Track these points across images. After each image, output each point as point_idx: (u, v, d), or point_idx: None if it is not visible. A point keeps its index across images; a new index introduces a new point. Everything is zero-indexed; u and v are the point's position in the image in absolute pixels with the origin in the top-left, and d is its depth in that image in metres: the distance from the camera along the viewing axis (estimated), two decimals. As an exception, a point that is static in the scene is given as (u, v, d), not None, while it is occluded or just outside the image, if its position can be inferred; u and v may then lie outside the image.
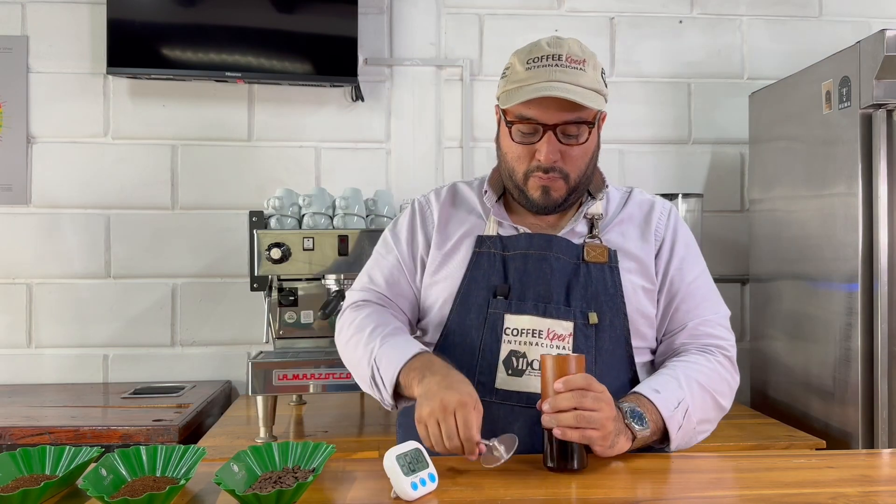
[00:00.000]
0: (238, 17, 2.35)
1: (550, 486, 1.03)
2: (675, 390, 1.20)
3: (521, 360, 1.23)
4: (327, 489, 1.03)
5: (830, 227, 1.94)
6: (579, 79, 1.21)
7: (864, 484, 1.05)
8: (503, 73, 1.29)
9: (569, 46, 1.24)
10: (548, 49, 1.23)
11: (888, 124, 1.78)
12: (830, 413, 1.95)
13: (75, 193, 2.42)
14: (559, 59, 1.21)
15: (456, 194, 1.42)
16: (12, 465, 1.03)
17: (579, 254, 1.28)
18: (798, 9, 2.61)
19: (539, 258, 1.27)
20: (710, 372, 1.26)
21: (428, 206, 1.41)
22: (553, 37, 1.27)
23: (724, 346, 1.31)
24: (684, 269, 1.32)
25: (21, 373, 2.40)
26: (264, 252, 1.93)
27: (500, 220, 1.33)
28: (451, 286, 1.30)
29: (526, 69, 1.22)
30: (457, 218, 1.37)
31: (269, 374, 1.84)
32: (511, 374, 1.23)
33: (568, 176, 1.25)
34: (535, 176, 1.25)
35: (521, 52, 1.27)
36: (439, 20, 2.52)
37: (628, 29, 2.57)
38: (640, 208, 1.37)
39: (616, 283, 1.27)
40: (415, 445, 1.02)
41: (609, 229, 1.33)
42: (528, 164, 1.25)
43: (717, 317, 1.32)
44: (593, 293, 1.26)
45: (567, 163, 1.24)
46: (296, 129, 2.48)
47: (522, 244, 1.29)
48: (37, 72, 2.41)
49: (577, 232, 1.32)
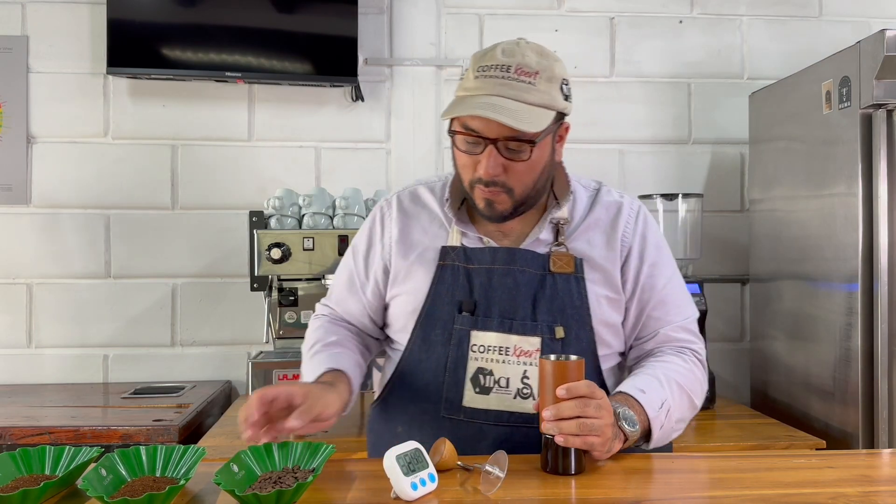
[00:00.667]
0: (238, 17, 2.35)
1: (550, 487, 1.03)
2: (658, 390, 1.21)
3: (489, 378, 1.22)
4: (327, 489, 1.03)
5: (830, 227, 1.94)
6: (525, 94, 1.16)
7: (864, 484, 1.05)
8: (462, 78, 1.26)
9: (523, 56, 1.18)
10: (500, 58, 1.18)
11: (888, 124, 1.78)
12: (830, 413, 1.95)
13: (75, 193, 2.42)
14: (508, 70, 1.17)
15: (418, 199, 1.37)
16: (12, 465, 1.03)
17: (545, 264, 1.27)
18: (798, 9, 2.61)
19: (503, 272, 1.26)
20: (687, 373, 1.27)
21: (388, 212, 1.37)
22: (512, 42, 1.21)
23: (695, 348, 1.33)
24: (655, 274, 1.31)
25: (21, 373, 2.40)
26: (264, 252, 1.93)
27: (463, 231, 1.30)
28: (415, 300, 1.28)
29: (475, 77, 1.19)
30: (419, 226, 1.34)
31: (269, 374, 1.84)
32: (479, 392, 1.22)
33: (512, 190, 1.21)
34: (478, 187, 1.22)
35: (477, 56, 1.22)
36: (439, 20, 2.52)
37: (628, 29, 2.57)
38: (608, 211, 1.34)
39: (582, 294, 1.26)
40: (415, 445, 1.02)
41: (575, 236, 1.30)
42: (473, 175, 1.22)
43: (688, 321, 1.33)
44: (559, 306, 1.25)
45: (511, 177, 1.20)
46: (296, 129, 2.48)
47: (486, 258, 1.27)
48: (37, 72, 2.41)
49: (542, 240, 1.29)
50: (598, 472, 1.08)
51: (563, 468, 1.07)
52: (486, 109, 1.14)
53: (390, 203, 1.39)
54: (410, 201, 1.37)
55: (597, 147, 2.55)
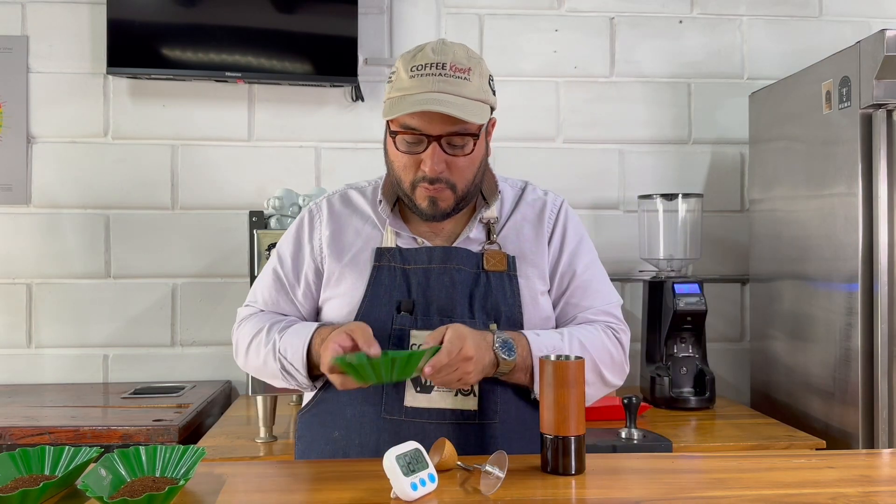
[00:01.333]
0: (238, 17, 2.35)
1: (550, 487, 1.03)
2: (555, 339, 1.23)
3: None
4: (327, 489, 1.03)
5: (830, 227, 1.94)
6: (462, 89, 1.19)
7: (864, 484, 1.05)
8: (390, 79, 1.25)
9: (454, 54, 1.21)
10: (432, 56, 1.20)
11: (888, 124, 1.78)
12: (830, 413, 1.95)
13: (75, 193, 2.42)
14: (443, 67, 1.19)
15: (348, 202, 1.37)
16: (11, 465, 1.03)
17: (479, 262, 1.29)
18: (798, 9, 2.61)
19: (440, 271, 1.27)
20: (594, 337, 1.27)
21: (319, 214, 1.36)
22: (439, 42, 1.24)
23: (613, 326, 1.33)
24: (574, 262, 1.34)
25: (21, 373, 2.40)
26: (264, 252, 1.93)
27: (397, 231, 1.31)
28: (351, 301, 1.27)
29: (410, 77, 1.20)
30: (352, 228, 1.34)
31: (268, 374, 1.84)
32: (420, 391, 1.22)
33: (455, 186, 1.24)
34: (421, 186, 1.23)
35: (405, 58, 1.23)
36: (439, 20, 2.52)
37: (628, 29, 2.57)
38: (533, 207, 1.37)
39: (514, 292, 1.28)
40: (415, 445, 1.02)
41: (505, 233, 1.33)
42: (415, 175, 1.23)
43: (609, 306, 1.35)
44: (493, 303, 1.26)
45: (453, 173, 1.22)
46: (296, 129, 2.48)
47: (423, 258, 1.28)
48: (37, 72, 2.41)
49: (473, 238, 1.31)
50: (598, 472, 1.08)
51: (563, 468, 1.07)
52: (433, 104, 1.16)
53: (319, 206, 1.38)
54: (341, 204, 1.37)
55: (597, 147, 2.55)
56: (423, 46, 1.23)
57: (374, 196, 1.36)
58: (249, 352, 1.33)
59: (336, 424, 1.27)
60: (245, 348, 1.34)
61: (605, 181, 2.53)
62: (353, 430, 1.24)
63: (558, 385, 1.06)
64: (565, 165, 2.53)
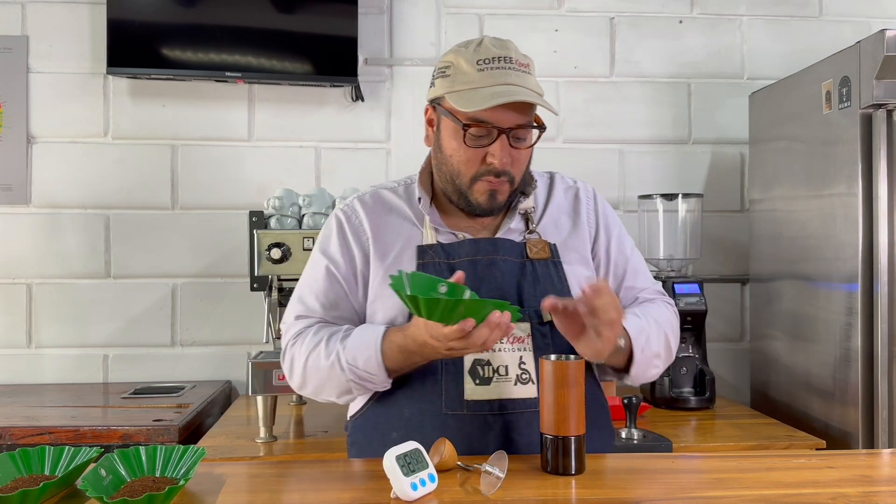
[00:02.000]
0: (238, 17, 2.35)
1: (550, 487, 1.03)
2: (636, 320, 1.25)
3: (487, 368, 1.22)
4: (327, 489, 1.03)
5: (830, 227, 1.94)
6: (529, 82, 1.21)
7: (864, 484, 1.05)
8: (442, 73, 1.25)
9: (513, 49, 1.23)
10: (495, 50, 1.21)
11: (888, 124, 1.78)
12: (830, 413, 1.95)
13: (75, 193, 2.42)
14: (510, 61, 1.20)
15: (382, 201, 1.36)
16: (11, 465, 1.03)
17: (523, 251, 1.30)
18: (798, 9, 2.61)
19: (488, 262, 1.27)
20: (662, 313, 1.33)
21: (355, 215, 1.34)
22: (491, 37, 1.25)
23: (666, 299, 1.39)
24: (622, 247, 1.38)
25: (21, 373, 2.40)
26: (264, 252, 1.93)
27: (436, 227, 1.30)
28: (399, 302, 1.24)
29: (478, 70, 1.20)
30: (390, 227, 1.32)
31: (269, 374, 1.84)
32: (479, 384, 1.22)
33: (513, 179, 1.26)
34: (484, 180, 1.23)
35: (464, 52, 1.23)
36: (439, 20, 2.52)
37: (628, 29, 2.57)
38: (566, 195, 1.39)
39: (561, 277, 1.29)
40: (415, 445, 1.02)
41: (542, 221, 1.35)
42: (478, 168, 1.23)
43: (657, 285, 1.41)
44: (542, 291, 1.26)
45: (514, 166, 1.24)
46: (296, 129, 2.48)
47: (467, 250, 1.28)
48: (37, 72, 2.41)
49: (514, 229, 1.32)
50: (598, 472, 1.08)
51: (564, 468, 1.07)
52: (516, 95, 1.17)
53: (353, 207, 1.36)
54: (375, 204, 1.36)
55: (597, 147, 2.55)
56: (480, 41, 1.24)
57: (407, 194, 1.36)
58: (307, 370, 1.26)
59: (393, 425, 1.24)
60: (301, 369, 1.27)
61: (604, 181, 2.53)
62: (414, 428, 1.22)
63: (558, 385, 1.06)
64: (565, 165, 2.50)
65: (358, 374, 1.21)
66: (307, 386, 1.29)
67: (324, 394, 1.28)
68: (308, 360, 1.26)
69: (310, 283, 1.34)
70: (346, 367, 1.21)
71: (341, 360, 1.22)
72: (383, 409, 1.27)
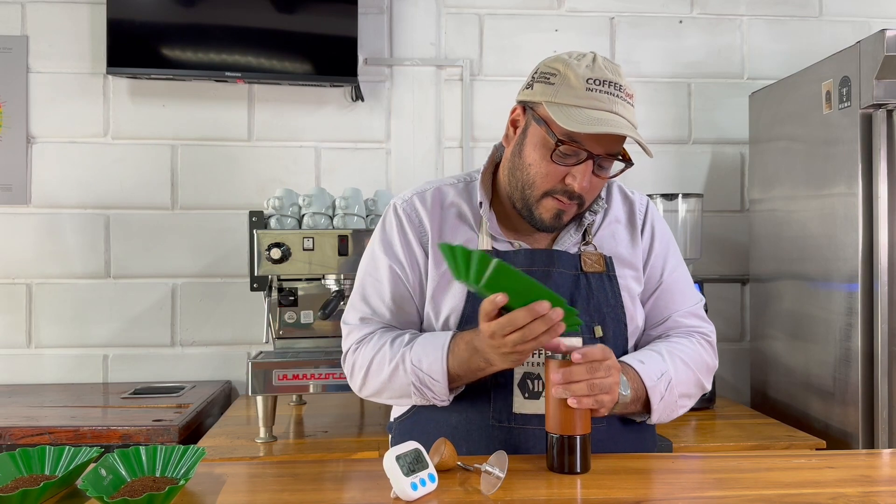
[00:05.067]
0: (238, 17, 2.35)
1: (551, 486, 1.03)
2: (658, 363, 1.22)
3: (537, 382, 1.21)
4: (326, 489, 1.03)
5: (830, 227, 1.94)
6: (632, 115, 1.19)
7: (864, 484, 1.05)
8: (545, 78, 1.21)
9: (623, 76, 1.20)
10: (609, 74, 1.17)
11: (888, 124, 1.78)
12: (830, 413, 1.95)
13: (75, 193, 2.42)
14: (620, 88, 1.17)
15: (443, 200, 1.32)
16: (12, 465, 1.03)
17: (577, 264, 1.27)
18: (798, 9, 2.61)
19: (542, 275, 1.25)
20: (692, 352, 1.29)
21: (415, 212, 1.31)
22: (604, 58, 1.21)
23: (704, 332, 1.34)
24: (664, 264, 1.34)
25: (21, 373, 2.40)
26: (264, 252, 1.93)
27: (493, 234, 1.28)
28: (451, 307, 1.24)
29: (587, 89, 1.16)
30: (449, 228, 1.29)
31: (269, 374, 1.84)
32: (528, 398, 1.21)
33: (583, 203, 1.24)
34: (555, 198, 1.21)
35: (576, 65, 1.18)
36: (439, 20, 2.52)
37: (628, 29, 2.57)
38: (623, 206, 1.37)
39: (615, 293, 1.27)
40: (415, 445, 1.02)
41: (600, 233, 1.32)
42: (553, 185, 1.20)
43: (696, 307, 1.36)
44: (595, 305, 1.25)
45: (589, 192, 1.22)
46: (296, 129, 2.48)
47: (524, 261, 1.26)
48: (37, 72, 2.41)
49: (570, 239, 1.30)
50: (598, 472, 1.08)
51: (569, 467, 1.07)
52: (619, 127, 1.14)
53: (412, 204, 1.32)
54: (434, 202, 1.32)
55: (597, 147, 2.54)
56: (594, 58, 1.20)
57: (469, 194, 1.32)
58: (371, 371, 1.25)
59: (440, 431, 1.23)
60: (364, 370, 1.26)
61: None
62: (460, 436, 1.21)
63: (564, 385, 1.06)
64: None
65: (420, 378, 1.19)
66: (368, 386, 1.27)
67: (384, 396, 1.27)
68: (373, 362, 1.24)
69: (373, 283, 1.31)
70: (410, 368, 1.19)
71: (405, 361, 1.20)
72: (431, 414, 1.26)
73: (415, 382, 1.20)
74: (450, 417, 1.24)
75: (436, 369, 1.17)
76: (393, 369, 1.21)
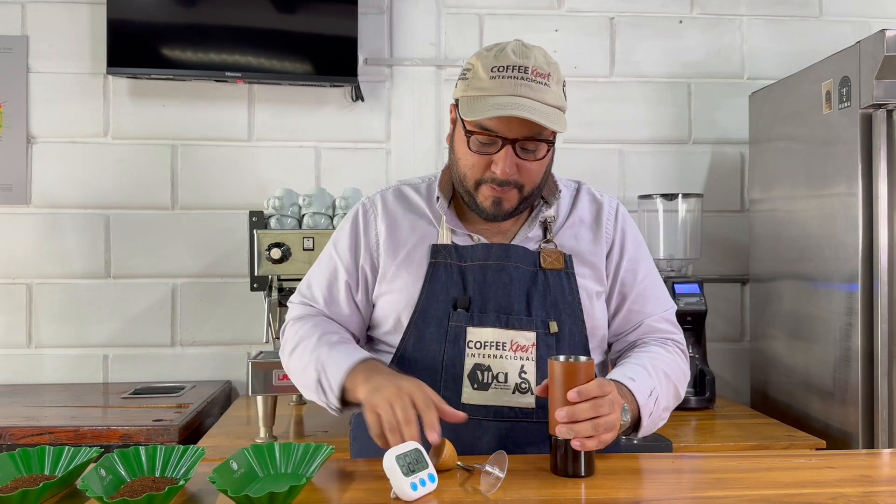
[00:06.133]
0: (238, 17, 2.35)
1: (551, 487, 1.03)
2: (646, 378, 1.22)
3: (487, 374, 1.22)
4: (327, 489, 1.03)
5: (830, 227, 1.94)
6: (544, 95, 1.18)
7: (864, 484, 1.05)
8: (463, 74, 1.24)
9: (535, 58, 1.19)
10: (514, 59, 1.18)
11: (888, 124, 1.78)
12: (830, 413, 1.95)
13: (75, 193, 2.42)
14: (525, 71, 1.17)
15: (403, 198, 1.36)
16: (11, 465, 1.03)
17: (536, 261, 1.28)
18: (798, 9, 2.61)
19: (498, 268, 1.26)
20: (671, 362, 1.29)
21: (373, 210, 1.35)
22: (518, 43, 1.22)
23: (677, 339, 1.35)
24: (635, 269, 1.35)
25: (21, 373, 2.40)
26: (264, 252, 1.93)
27: (452, 229, 1.30)
28: (406, 298, 1.27)
29: (490, 77, 1.18)
30: (406, 223, 1.33)
31: (269, 374, 1.84)
32: (477, 389, 1.22)
33: (522, 187, 1.23)
34: (487, 186, 1.23)
35: (485, 56, 1.21)
36: (439, 20, 2.52)
37: (628, 29, 2.57)
38: (590, 208, 1.37)
39: (573, 289, 1.28)
40: (415, 445, 1.02)
41: (562, 232, 1.33)
42: (482, 174, 1.22)
43: (667, 313, 1.37)
44: (552, 301, 1.26)
45: (522, 176, 1.22)
46: (296, 129, 2.48)
47: (480, 254, 1.28)
48: (37, 72, 2.41)
49: (530, 237, 1.31)
50: (598, 472, 1.08)
51: (573, 470, 1.07)
52: (517, 109, 1.14)
53: (374, 202, 1.37)
54: (395, 200, 1.36)
55: (597, 147, 2.55)
56: (504, 46, 1.21)
57: (428, 193, 1.36)
58: (295, 352, 1.30)
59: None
60: (292, 347, 1.31)
61: (604, 181, 2.53)
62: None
63: (568, 386, 1.06)
64: (565, 165, 2.50)
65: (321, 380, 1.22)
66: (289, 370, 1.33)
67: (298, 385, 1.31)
68: (297, 347, 1.30)
69: (318, 272, 1.38)
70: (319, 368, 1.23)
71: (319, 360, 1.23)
72: None
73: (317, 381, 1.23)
74: None
75: (335, 379, 1.20)
76: (306, 362, 1.26)
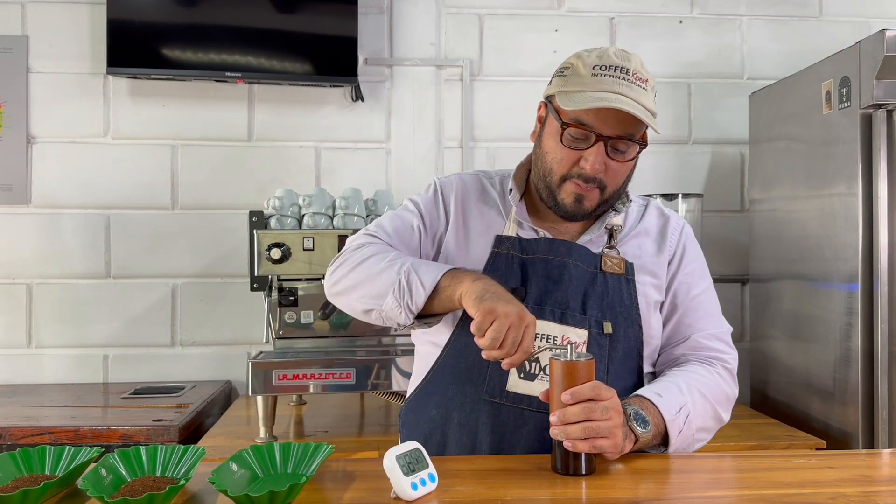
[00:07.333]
0: (238, 17, 2.35)
1: (551, 487, 1.03)
2: (676, 395, 1.21)
3: (535, 365, 1.23)
4: (327, 489, 1.03)
5: (830, 227, 1.94)
6: (642, 97, 1.20)
7: (864, 484, 1.04)
8: (560, 72, 1.27)
9: (636, 62, 1.22)
10: (616, 60, 1.21)
11: (888, 124, 1.78)
12: (830, 413, 1.95)
13: (75, 193, 2.42)
14: (627, 72, 1.20)
15: (478, 185, 1.39)
16: (12, 465, 1.03)
17: (597, 263, 1.29)
18: (798, 9, 2.61)
19: (558, 264, 1.27)
20: (711, 383, 1.27)
21: (451, 189, 1.38)
22: (619, 49, 1.25)
23: (725, 358, 1.32)
24: (690, 282, 1.34)
25: (21, 373, 2.40)
26: (264, 252, 1.93)
27: (520, 221, 1.32)
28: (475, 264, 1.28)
29: (592, 74, 1.20)
30: (477, 211, 1.35)
31: (269, 374, 1.84)
32: (523, 378, 1.23)
33: (605, 188, 1.25)
34: (572, 182, 1.24)
35: (586, 56, 1.23)
36: (439, 20, 2.52)
37: (628, 29, 2.57)
38: (657, 221, 1.38)
39: (632, 295, 1.28)
40: (415, 445, 1.02)
41: (626, 241, 1.34)
42: (569, 169, 1.24)
43: (720, 332, 1.35)
44: (609, 303, 1.26)
45: (608, 176, 1.24)
46: (296, 129, 2.48)
47: (542, 248, 1.29)
48: (37, 72, 2.41)
49: (595, 241, 1.32)
50: (599, 472, 1.08)
51: (574, 469, 1.07)
52: (620, 103, 1.16)
53: (451, 182, 1.39)
54: (471, 186, 1.39)
55: (597, 147, 2.55)
56: (605, 49, 1.24)
57: (501, 186, 1.39)
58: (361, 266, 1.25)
59: (434, 403, 1.27)
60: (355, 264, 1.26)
61: (605, 181, 2.53)
62: (453, 408, 1.25)
63: (566, 385, 1.06)
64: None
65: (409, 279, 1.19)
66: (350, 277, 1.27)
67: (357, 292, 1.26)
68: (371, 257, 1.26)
69: (389, 218, 1.37)
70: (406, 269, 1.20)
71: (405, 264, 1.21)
72: (429, 387, 1.30)
73: (401, 280, 1.19)
74: (447, 389, 1.27)
75: (428, 279, 1.18)
76: (387, 265, 1.22)
